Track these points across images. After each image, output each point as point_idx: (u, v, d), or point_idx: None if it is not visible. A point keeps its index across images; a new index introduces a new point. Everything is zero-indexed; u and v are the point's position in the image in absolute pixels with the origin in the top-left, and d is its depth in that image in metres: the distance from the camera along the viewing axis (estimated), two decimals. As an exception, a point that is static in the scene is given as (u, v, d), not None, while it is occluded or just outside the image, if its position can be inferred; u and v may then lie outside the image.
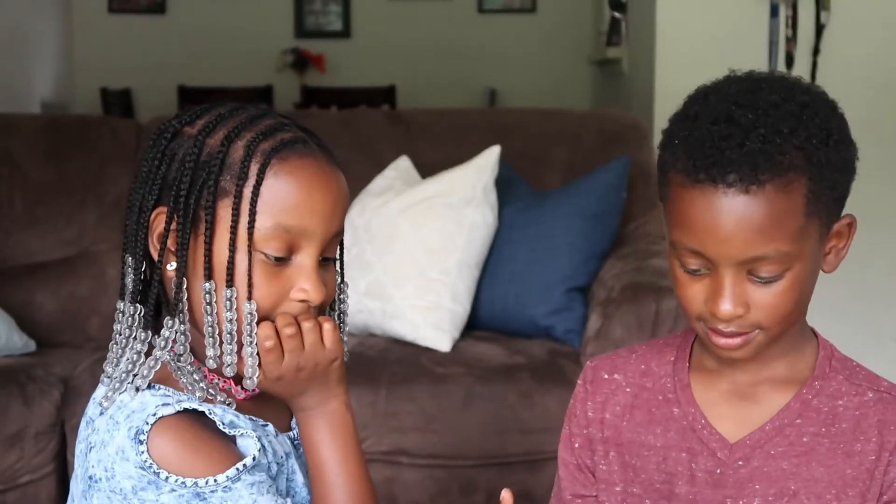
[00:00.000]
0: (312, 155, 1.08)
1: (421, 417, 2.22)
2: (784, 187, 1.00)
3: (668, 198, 1.06)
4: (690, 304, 1.06)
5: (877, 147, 3.58)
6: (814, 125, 1.02)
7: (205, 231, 1.04)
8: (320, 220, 1.06)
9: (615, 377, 1.19)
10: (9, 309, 2.49)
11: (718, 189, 1.00)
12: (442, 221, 2.47)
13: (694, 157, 1.02)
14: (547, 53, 6.99)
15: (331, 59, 7.07)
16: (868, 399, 1.11)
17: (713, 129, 1.02)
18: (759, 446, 1.10)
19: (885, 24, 3.53)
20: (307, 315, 1.07)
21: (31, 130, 2.80)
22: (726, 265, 1.02)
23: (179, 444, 1.01)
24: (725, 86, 1.08)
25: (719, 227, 1.01)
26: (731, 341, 1.05)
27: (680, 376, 1.16)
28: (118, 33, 6.97)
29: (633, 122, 2.93)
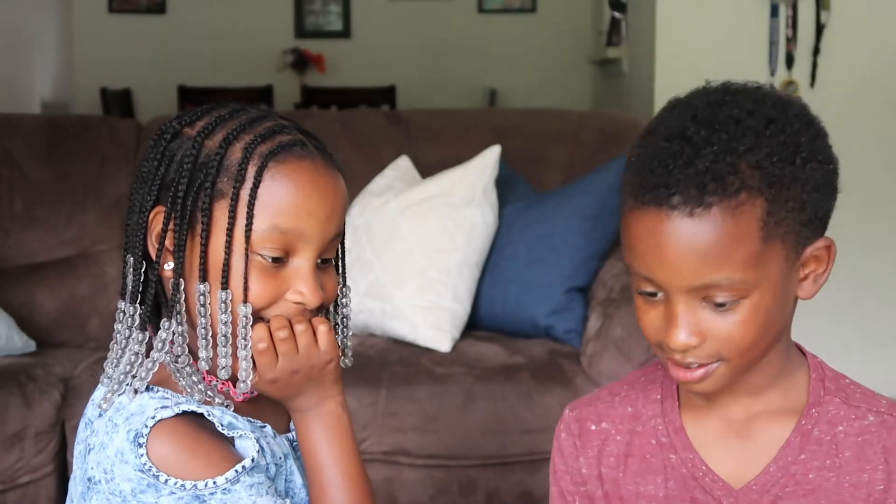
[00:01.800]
0: (310, 157, 1.07)
1: (421, 417, 2.22)
2: (734, 210, 0.93)
3: (622, 221, 1.01)
4: (648, 331, 1.01)
5: (877, 147, 3.59)
6: (777, 142, 0.95)
7: (201, 232, 1.04)
8: (317, 222, 1.06)
9: (603, 426, 1.12)
10: (9, 309, 2.49)
11: (662, 211, 0.94)
12: (442, 221, 2.47)
13: (641, 177, 0.96)
14: (547, 53, 6.99)
15: (331, 59, 7.07)
16: (869, 423, 1.04)
17: (664, 146, 0.95)
18: (766, 490, 1.04)
19: (885, 24, 3.54)
20: (301, 317, 1.07)
21: (31, 130, 2.80)
22: (675, 293, 0.96)
23: (178, 447, 1.01)
24: (693, 98, 1.01)
25: (665, 252, 0.95)
26: (690, 374, 0.99)
27: (671, 418, 1.09)
28: (118, 33, 6.97)
29: (633, 122, 2.93)
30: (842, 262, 3.89)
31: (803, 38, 3.55)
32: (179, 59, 6.86)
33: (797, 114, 0.98)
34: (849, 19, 3.52)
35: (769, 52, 3.55)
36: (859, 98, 3.57)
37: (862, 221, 3.60)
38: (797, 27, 3.54)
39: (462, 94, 6.74)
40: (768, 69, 3.56)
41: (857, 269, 3.60)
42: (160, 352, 1.05)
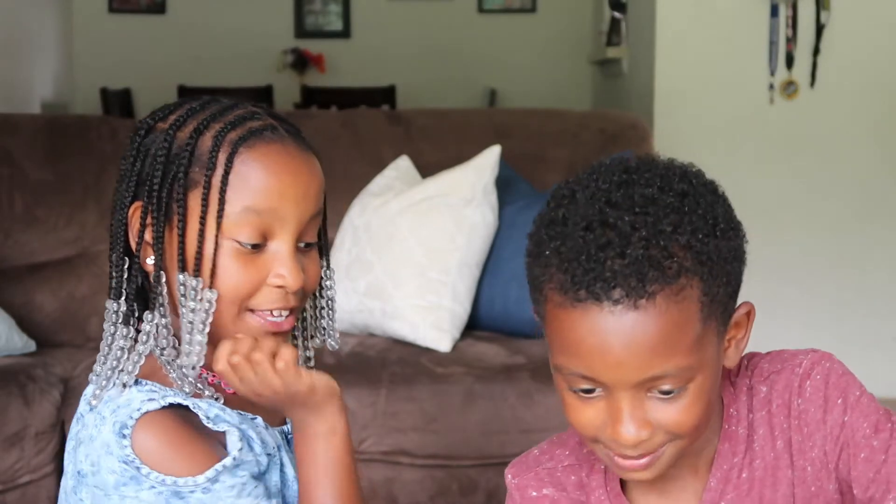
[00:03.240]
0: (280, 140, 1.08)
1: (421, 417, 2.22)
2: (676, 295, 0.89)
3: (546, 318, 0.94)
4: (585, 430, 0.96)
5: (877, 147, 3.59)
6: (697, 216, 0.92)
7: (177, 223, 1.05)
8: (291, 203, 1.06)
9: (545, 492, 1.09)
10: (9, 309, 2.49)
11: (603, 307, 0.89)
12: (442, 221, 2.47)
13: (571, 272, 0.90)
14: (547, 53, 6.99)
15: (331, 59, 7.06)
16: (764, 394, 1.03)
17: (588, 236, 0.90)
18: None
19: (885, 24, 3.54)
20: (264, 342, 1.05)
21: (31, 130, 2.80)
22: (621, 389, 0.91)
23: (162, 441, 1.01)
24: (593, 180, 0.95)
25: (609, 349, 0.89)
26: (636, 463, 0.95)
27: (612, 486, 1.06)
28: (118, 33, 6.97)
29: (633, 122, 2.93)
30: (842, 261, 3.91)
31: (803, 38, 3.55)
32: (179, 59, 6.86)
33: (703, 183, 0.96)
34: (849, 19, 3.52)
35: (769, 52, 3.55)
36: (859, 98, 3.57)
37: (862, 221, 3.60)
38: (797, 27, 3.54)
39: (462, 94, 6.74)
40: (768, 69, 3.56)
41: (857, 269, 3.60)
42: (144, 344, 1.06)
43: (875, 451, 0.98)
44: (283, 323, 1.08)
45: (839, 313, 3.58)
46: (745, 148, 3.61)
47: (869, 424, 0.99)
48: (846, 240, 3.59)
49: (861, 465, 0.99)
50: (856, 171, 3.59)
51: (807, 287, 3.59)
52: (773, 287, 3.49)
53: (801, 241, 3.59)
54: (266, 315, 1.08)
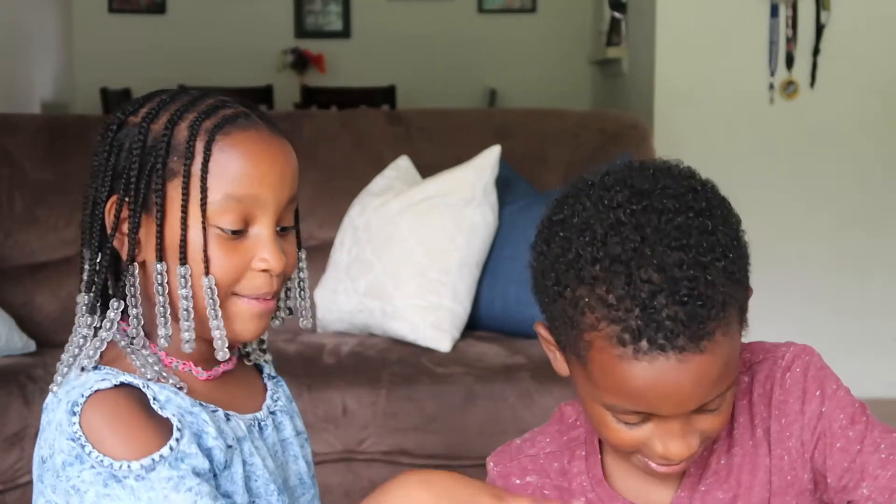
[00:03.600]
0: (255, 127, 1.09)
1: (421, 417, 2.22)
2: (728, 326, 0.91)
3: (592, 361, 0.93)
4: (626, 445, 0.97)
5: (876, 147, 3.59)
6: (721, 234, 0.92)
7: (156, 213, 1.06)
8: (270, 188, 1.07)
9: (528, 480, 1.11)
10: (9, 309, 2.49)
11: (670, 356, 0.89)
12: (442, 221, 2.47)
13: (625, 323, 0.89)
14: (547, 53, 6.99)
15: (331, 59, 7.06)
16: (745, 384, 1.05)
17: (634, 281, 0.88)
18: (694, 489, 1.06)
19: (885, 24, 3.54)
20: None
21: (31, 130, 2.80)
22: (677, 418, 0.94)
23: (108, 420, 1.01)
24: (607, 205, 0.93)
25: (677, 391, 0.91)
26: (678, 467, 0.98)
27: (594, 472, 1.08)
28: (118, 33, 6.97)
29: (633, 122, 2.93)
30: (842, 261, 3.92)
31: (803, 38, 3.55)
32: (179, 59, 6.86)
33: (709, 190, 0.97)
34: (849, 19, 3.52)
35: (769, 52, 3.55)
36: (859, 98, 3.57)
37: (861, 221, 3.60)
38: (797, 27, 3.54)
39: (462, 94, 6.74)
40: (768, 69, 3.56)
41: (856, 269, 3.60)
42: (108, 331, 1.07)
43: (850, 441, 1.01)
44: (269, 302, 1.10)
45: (839, 313, 3.58)
46: (745, 148, 3.61)
47: (845, 416, 1.02)
48: (846, 240, 3.59)
49: (836, 455, 1.01)
50: (855, 171, 3.59)
51: (806, 287, 3.59)
52: (772, 287, 3.49)
53: (800, 241, 3.59)
54: (254, 300, 1.09)
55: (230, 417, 1.12)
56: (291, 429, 1.22)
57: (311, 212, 2.71)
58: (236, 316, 1.09)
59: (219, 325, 1.07)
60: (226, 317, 1.08)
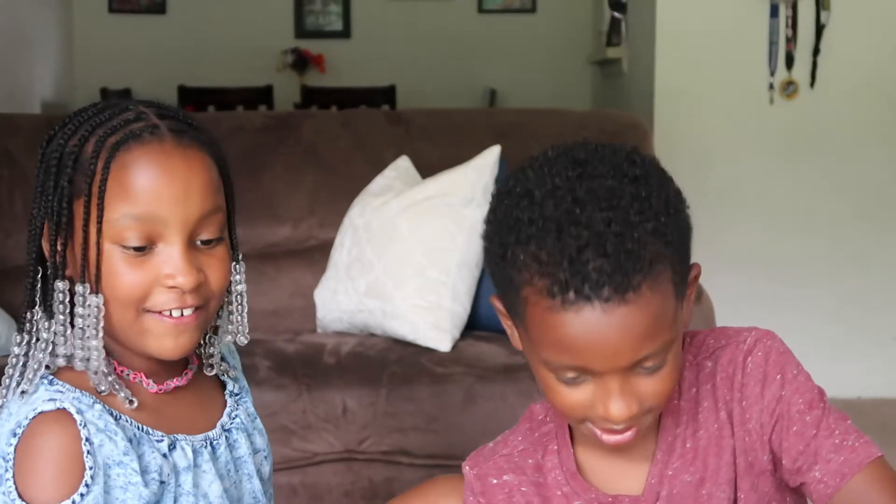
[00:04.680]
0: (158, 140, 1.06)
1: (421, 417, 2.22)
2: (656, 281, 0.94)
3: (529, 318, 0.97)
4: (573, 410, 1.00)
5: (876, 147, 3.59)
6: (655, 199, 0.96)
7: (62, 231, 1.06)
8: (170, 203, 1.05)
9: (505, 479, 1.13)
10: (9, 309, 2.49)
11: (595, 306, 0.92)
12: (442, 221, 2.47)
13: (554, 276, 0.93)
14: (547, 53, 6.99)
15: (331, 59, 7.06)
16: (709, 369, 1.09)
17: (564, 238, 0.93)
18: (663, 477, 1.08)
19: (885, 24, 3.54)
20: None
21: (31, 130, 2.80)
22: (613, 373, 0.96)
23: (35, 452, 1.00)
24: (548, 177, 0.99)
25: (604, 343, 0.93)
26: (623, 437, 1.01)
27: (567, 465, 1.10)
28: (118, 33, 6.97)
29: (633, 121, 2.93)
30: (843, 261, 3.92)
31: (803, 38, 3.55)
32: (179, 59, 6.86)
33: (649, 162, 1.00)
34: (849, 19, 3.52)
35: (769, 52, 3.55)
36: (859, 98, 3.57)
37: (862, 220, 3.60)
38: (797, 27, 3.54)
39: (462, 94, 6.73)
40: (768, 69, 3.56)
41: (856, 269, 3.60)
42: (43, 352, 1.07)
43: (806, 425, 1.04)
44: (184, 318, 1.07)
45: (839, 313, 3.58)
46: (745, 148, 3.61)
47: (804, 401, 1.05)
48: (846, 239, 3.59)
49: (792, 438, 1.04)
50: (856, 171, 3.59)
51: (806, 287, 3.59)
52: (772, 287, 3.49)
53: (800, 241, 3.59)
54: (165, 315, 1.07)
55: (175, 445, 1.09)
56: (247, 447, 1.19)
57: (311, 212, 2.71)
58: (148, 332, 1.07)
59: (97, 346, 1.05)
60: (139, 333, 1.07)
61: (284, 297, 2.69)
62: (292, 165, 2.76)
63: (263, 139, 2.77)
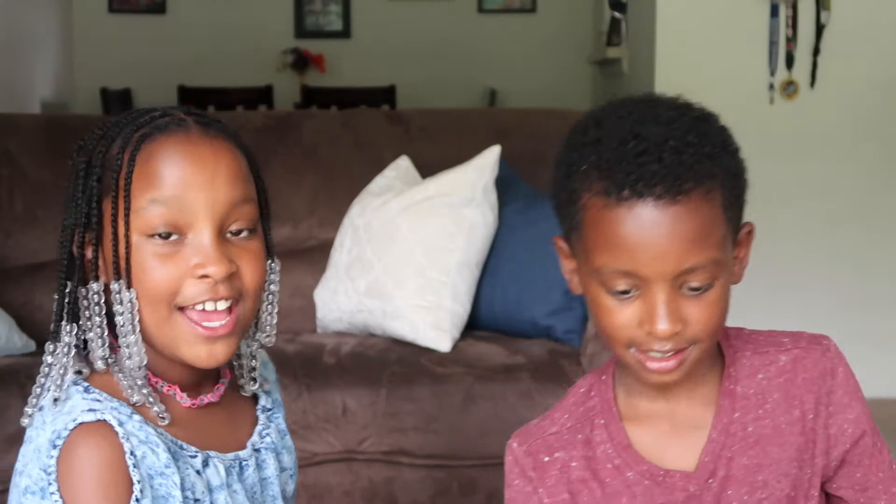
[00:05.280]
0: (183, 130, 1.05)
1: (421, 417, 2.22)
2: (706, 195, 1.00)
3: (586, 223, 1.03)
4: (621, 331, 1.03)
5: (876, 147, 3.59)
6: (714, 133, 1.04)
7: (94, 232, 1.05)
8: (198, 189, 1.03)
9: (556, 456, 1.14)
10: (9, 309, 2.49)
11: (647, 202, 0.98)
12: (442, 221, 2.47)
13: (612, 177, 0.99)
14: (547, 53, 6.99)
15: (331, 59, 7.06)
16: (784, 363, 1.12)
17: (624, 148, 1.00)
18: (718, 455, 1.09)
19: (885, 24, 3.54)
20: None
21: (31, 130, 2.80)
22: (660, 281, 1.00)
23: (82, 465, 0.99)
24: (615, 108, 1.06)
25: (652, 241, 0.99)
26: (667, 364, 1.03)
27: (617, 438, 1.12)
28: (118, 33, 6.97)
29: (633, 122, 2.93)
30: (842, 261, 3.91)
31: (803, 38, 3.55)
32: (179, 59, 6.85)
33: (710, 113, 1.08)
34: (849, 19, 3.52)
35: (769, 52, 3.55)
36: (859, 98, 3.57)
37: (861, 220, 3.60)
38: (797, 27, 3.54)
39: (462, 94, 6.73)
40: (768, 69, 3.56)
41: (856, 269, 3.60)
42: (66, 356, 1.05)
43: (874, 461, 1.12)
44: (218, 329, 1.04)
45: (839, 313, 3.57)
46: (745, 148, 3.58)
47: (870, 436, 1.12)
48: (846, 239, 3.59)
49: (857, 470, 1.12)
50: (856, 171, 3.59)
51: (806, 286, 3.59)
52: (772, 286, 3.49)
53: (800, 241, 3.59)
54: (197, 317, 1.04)
55: (209, 462, 1.07)
56: (275, 467, 1.17)
57: (311, 212, 2.71)
58: (180, 338, 1.04)
59: (137, 341, 1.03)
60: (172, 339, 1.04)
61: (284, 297, 2.67)
62: (292, 165, 2.76)
63: (263, 139, 2.76)
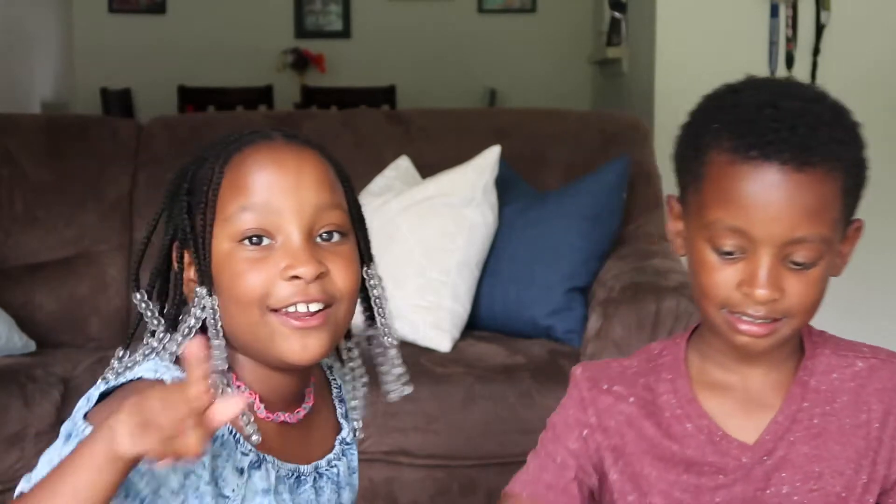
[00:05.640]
0: (268, 140, 1.09)
1: (421, 417, 2.22)
2: (830, 173, 1.02)
3: (708, 177, 1.05)
4: (717, 289, 1.05)
5: (876, 147, 3.58)
6: (848, 123, 1.07)
7: (189, 243, 1.07)
8: (283, 193, 1.06)
9: (615, 388, 1.17)
10: (9, 309, 2.49)
11: (773, 165, 1.01)
12: (442, 221, 2.47)
13: (745, 136, 1.02)
14: (547, 53, 6.99)
15: (331, 59, 7.06)
16: (859, 369, 1.14)
17: (760, 112, 1.02)
18: (780, 438, 1.11)
19: (885, 24, 3.54)
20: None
21: (31, 130, 2.80)
22: (767, 245, 1.02)
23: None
24: (754, 83, 1.09)
25: (769, 203, 1.01)
26: (758, 329, 1.05)
27: (683, 392, 1.14)
28: (118, 33, 6.97)
29: (633, 122, 2.93)
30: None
31: (803, 38, 3.54)
32: (179, 59, 6.86)
33: (847, 107, 1.09)
34: (849, 19, 3.52)
35: (769, 52, 3.55)
36: (859, 98, 3.55)
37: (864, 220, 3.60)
38: (797, 27, 3.53)
39: (462, 94, 6.73)
40: (768, 69, 3.56)
41: (857, 269, 3.60)
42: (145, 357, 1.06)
43: None
44: (310, 318, 1.06)
45: (840, 312, 3.57)
46: (745, 148, 3.62)
47: None
48: (846, 240, 3.59)
49: None
50: (856, 171, 3.59)
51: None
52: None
53: (801, 241, 3.59)
54: (290, 314, 1.06)
55: (261, 465, 1.08)
56: (333, 499, 1.19)
57: (311, 212, 2.71)
58: (274, 334, 1.05)
59: (220, 346, 1.05)
60: (267, 337, 1.06)
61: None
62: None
63: (263, 139, 2.76)
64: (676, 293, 2.23)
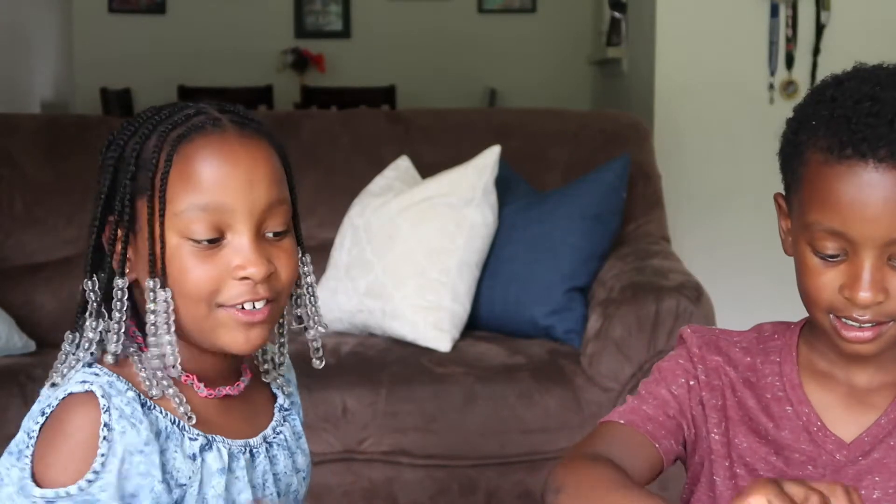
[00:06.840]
0: (219, 132, 1.06)
1: (421, 417, 2.22)
2: None
3: (805, 178, 1.02)
4: (821, 293, 1.02)
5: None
6: None
7: (127, 230, 1.06)
8: (237, 192, 1.04)
9: (716, 358, 1.14)
10: (9, 309, 2.49)
11: (869, 164, 0.97)
12: (442, 221, 2.47)
13: (839, 134, 0.98)
14: (547, 53, 6.99)
15: (331, 59, 7.07)
16: None
17: (858, 107, 0.99)
18: (879, 440, 1.07)
19: (885, 24, 3.54)
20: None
21: (31, 130, 2.80)
22: (868, 247, 0.98)
23: (56, 432, 1.00)
24: (860, 73, 1.06)
25: (867, 203, 0.97)
26: (863, 334, 1.02)
27: (789, 377, 1.11)
28: (118, 33, 6.97)
29: (633, 122, 2.93)
30: None
31: (803, 38, 3.54)
32: (179, 59, 6.86)
33: None
34: (849, 19, 3.52)
35: (769, 52, 3.55)
36: (859, 98, 3.57)
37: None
38: (797, 27, 3.54)
39: (462, 94, 6.74)
40: (768, 69, 3.56)
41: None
42: (85, 351, 1.07)
43: None
44: (256, 313, 1.06)
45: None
46: (745, 148, 3.61)
47: None
48: (846, 240, 3.59)
49: None
50: (856, 171, 3.59)
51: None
52: (773, 286, 3.48)
53: (801, 241, 3.59)
54: (237, 310, 1.06)
55: (211, 446, 1.08)
56: (289, 465, 1.18)
57: (311, 212, 2.71)
58: (221, 326, 1.06)
59: (171, 341, 1.05)
60: (212, 329, 1.06)
61: (284, 297, 2.69)
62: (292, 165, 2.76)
63: (263, 139, 2.76)
64: (676, 293, 2.23)
